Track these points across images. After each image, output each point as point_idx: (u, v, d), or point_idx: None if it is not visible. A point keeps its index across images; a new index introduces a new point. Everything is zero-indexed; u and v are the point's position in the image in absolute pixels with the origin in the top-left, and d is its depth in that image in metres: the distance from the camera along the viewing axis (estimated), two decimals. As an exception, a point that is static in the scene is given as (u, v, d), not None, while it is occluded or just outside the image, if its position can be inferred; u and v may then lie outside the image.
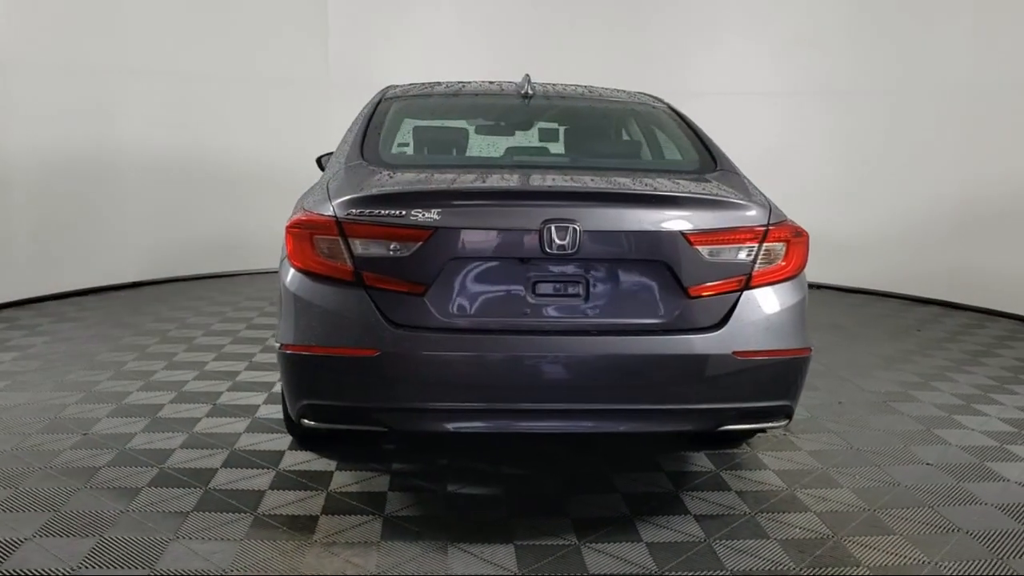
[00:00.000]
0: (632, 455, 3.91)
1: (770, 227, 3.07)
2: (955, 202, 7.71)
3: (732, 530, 3.19)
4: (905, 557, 3.00)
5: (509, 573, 2.82)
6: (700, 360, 2.97)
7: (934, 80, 7.76)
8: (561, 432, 3.70)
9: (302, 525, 3.12)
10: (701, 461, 3.87)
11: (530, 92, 4.03)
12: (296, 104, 8.91)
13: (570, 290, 2.99)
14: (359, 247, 2.93)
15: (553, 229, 2.89)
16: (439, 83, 4.41)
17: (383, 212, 2.91)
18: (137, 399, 4.52)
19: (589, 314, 2.98)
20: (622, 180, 3.27)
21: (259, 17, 8.61)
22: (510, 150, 3.99)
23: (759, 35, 8.69)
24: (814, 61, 8.43)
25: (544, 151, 4.03)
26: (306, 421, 3.09)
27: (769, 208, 3.13)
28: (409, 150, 3.94)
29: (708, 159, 3.60)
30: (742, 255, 3.04)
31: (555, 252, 2.90)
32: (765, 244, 3.05)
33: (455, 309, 2.96)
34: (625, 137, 4.05)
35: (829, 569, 2.91)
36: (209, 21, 8.30)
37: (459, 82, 4.42)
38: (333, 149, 4.90)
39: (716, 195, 3.15)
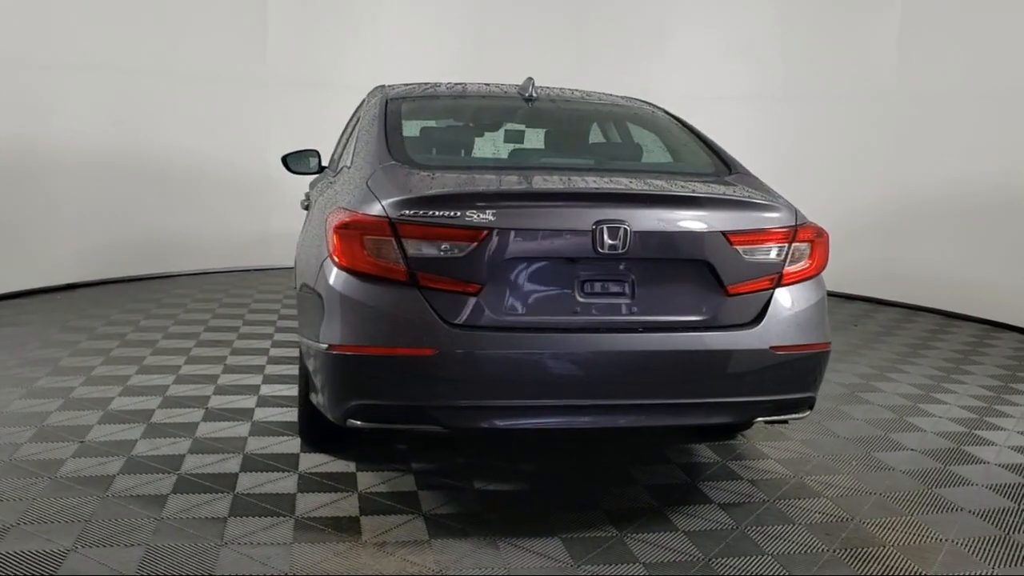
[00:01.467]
0: (639, 448, 4.03)
1: (798, 227, 3.23)
2: (880, 205, 8.17)
3: (758, 517, 3.34)
4: (923, 536, 3.22)
5: (567, 564, 2.90)
6: (741, 355, 3.10)
7: (861, 86, 8.20)
8: (609, 427, 3.76)
9: (346, 526, 3.10)
10: (706, 453, 4.03)
11: (533, 95, 4.10)
12: (233, 101, 8.70)
13: (617, 289, 3.07)
14: (413, 247, 2.93)
15: (605, 230, 2.97)
16: (438, 84, 4.42)
17: (439, 213, 2.92)
18: (122, 404, 4.36)
19: (635, 312, 3.07)
20: (658, 183, 3.37)
21: (197, 13, 8.36)
22: (533, 152, 4.03)
23: (697, 44, 8.99)
24: (746, 68, 8.77)
25: (564, 153, 4.08)
26: (353, 421, 3.05)
27: (795, 209, 3.30)
28: (433, 151, 3.94)
29: (720, 163, 3.75)
30: (774, 254, 3.19)
31: (606, 252, 2.97)
32: (794, 244, 3.21)
33: (508, 308, 3.00)
34: (637, 141, 4.15)
35: (859, 550, 3.09)
36: (146, 16, 8.01)
37: (458, 84, 4.45)
38: (292, 149, 4.91)
39: (750, 197, 3.30)
